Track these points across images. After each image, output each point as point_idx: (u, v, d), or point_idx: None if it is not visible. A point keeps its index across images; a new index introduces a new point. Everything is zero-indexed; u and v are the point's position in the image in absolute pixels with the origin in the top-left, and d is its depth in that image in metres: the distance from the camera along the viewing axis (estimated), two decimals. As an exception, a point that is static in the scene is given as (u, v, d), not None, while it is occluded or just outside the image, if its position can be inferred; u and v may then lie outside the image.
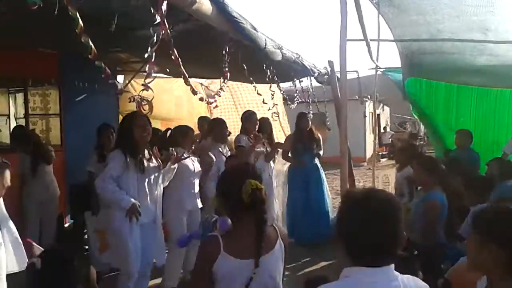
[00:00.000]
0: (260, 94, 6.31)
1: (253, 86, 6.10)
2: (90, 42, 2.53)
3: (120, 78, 8.47)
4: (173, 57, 3.02)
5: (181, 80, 8.05)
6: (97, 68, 2.73)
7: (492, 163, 5.67)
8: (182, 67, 3.23)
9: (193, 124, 7.54)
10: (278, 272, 2.18)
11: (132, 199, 4.06)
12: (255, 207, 2.03)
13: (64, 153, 7.05)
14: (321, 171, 7.41)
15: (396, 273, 1.61)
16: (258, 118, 6.79)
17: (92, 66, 2.85)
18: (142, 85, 3.23)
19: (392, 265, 1.60)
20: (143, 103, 3.75)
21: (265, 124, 7.02)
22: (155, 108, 9.28)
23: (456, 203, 4.55)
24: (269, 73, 5.37)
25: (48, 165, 5.90)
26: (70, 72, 6.89)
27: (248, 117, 6.68)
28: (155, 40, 2.97)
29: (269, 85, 6.22)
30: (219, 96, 4.56)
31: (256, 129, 6.72)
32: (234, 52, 4.14)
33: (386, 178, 10.04)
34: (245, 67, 4.84)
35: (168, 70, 7.00)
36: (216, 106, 7.83)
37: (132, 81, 8.26)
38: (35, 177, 5.74)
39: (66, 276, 2.02)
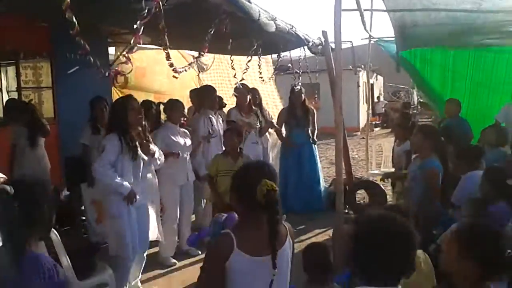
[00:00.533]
0: (234, 68, 6.24)
1: (231, 59, 6.07)
2: (74, 19, 2.48)
3: (111, 50, 8.38)
4: (160, 27, 2.98)
5: (173, 53, 8.02)
6: (78, 44, 2.70)
7: (487, 131, 5.76)
8: (166, 37, 3.18)
9: (186, 97, 7.52)
10: (288, 267, 2.20)
11: (129, 185, 4.11)
12: (269, 208, 2.00)
13: (58, 126, 7.02)
14: (314, 146, 7.45)
15: None
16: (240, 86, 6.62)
17: (84, 37, 2.83)
18: (124, 56, 3.15)
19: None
20: (118, 75, 3.66)
21: (254, 95, 7.01)
22: (148, 80, 9.30)
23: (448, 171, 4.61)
24: (255, 46, 5.32)
25: (43, 138, 5.89)
26: (62, 45, 6.73)
27: (237, 90, 6.67)
28: (145, 14, 2.93)
29: (249, 57, 6.12)
30: (186, 71, 4.51)
31: (248, 101, 6.71)
32: (222, 24, 4.07)
33: (379, 147, 10.10)
34: (231, 40, 4.78)
35: (160, 41, 6.91)
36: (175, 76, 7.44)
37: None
38: (32, 149, 5.74)
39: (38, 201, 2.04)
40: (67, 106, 7.07)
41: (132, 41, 3.00)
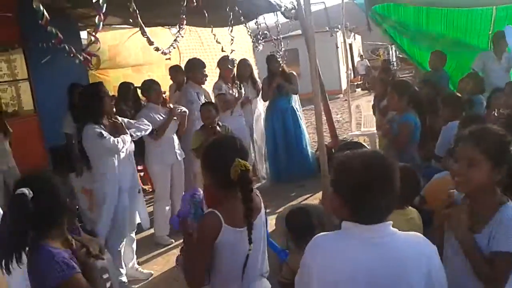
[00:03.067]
0: (219, 43, 6.19)
1: (213, 34, 5.99)
2: (41, 7, 2.44)
3: (83, 34, 8.26)
4: (130, 9, 2.95)
5: (148, 30, 7.92)
6: (50, 33, 2.66)
7: (464, 80, 5.86)
8: (139, 19, 3.15)
9: (165, 65, 7.41)
10: (264, 233, 2.29)
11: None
12: (243, 187, 2.06)
13: (38, 117, 6.97)
14: (298, 112, 7.47)
15: (394, 229, 1.66)
16: (225, 57, 6.59)
17: (54, 25, 2.79)
18: (92, 35, 3.09)
19: (390, 222, 1.66)
20: (89, 58, 3.61)
21: (244, 66, 6.97)
22: (122, 57, 9.22)
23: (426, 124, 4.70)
24: (231, 16, 5.28)
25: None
26: (33, 34, 6.66)
27: (222, 62, 6.57)
28: None
29: (230, 27, 6.07)
30: (174, 48, 4.48)
31: (234, 74, 6.67)
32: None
33: (357, 108, 10.11)
34: (206, 13, 4.74)
35: (131, 20, 6.84)
36: (170, 58, 7.29)
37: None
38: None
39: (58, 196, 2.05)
40: (46, 97, 6.98)
41: (96, 20, 2.93)
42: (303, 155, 7.38)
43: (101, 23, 2.99)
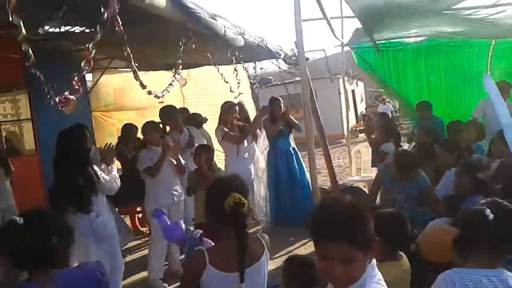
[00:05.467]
0: (227, 82, 6.29)
1: (220, 74, 6.10)
2: (30, 51, 2.51)
3: (88, 76, 8.42)
4: (125, 53, 3.02)
5: (150, 74, 8.05)
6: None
7: (465, 128, 5.94)
8: (133, 63, 3.23)
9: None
10: (261, 284, 2.23)
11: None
12: (237, 221, 2.06)
13: (39, 157, 7.00)
14: (299, 153, 7.47)
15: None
16: (232, 104, 6.72)
17: (57, 67, 2.84)
18: (74, 81, 3.11)
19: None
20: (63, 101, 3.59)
21: (241, 110, 7.04)
22: (127, 100, 9.35)
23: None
24: (234, 58, 5.40)
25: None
26: (37, 75, 6.78)
27: (228, 109, 6.67)
28: (99, 37, 2.92)
29: (235, 71, 6.18)
30: (168, 92, 4.56)
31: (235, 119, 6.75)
32: (194, 37, 4.14)
33: (358, 153, 10.10)
34: (209, 55, 4.86)
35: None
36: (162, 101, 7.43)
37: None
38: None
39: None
40: (47, 137, 6.96)
41: (82, 63, 2.98)
42: (305, 197, 7.36)
43: (86, 68, 3.01)
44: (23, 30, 2.44)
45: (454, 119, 6.92)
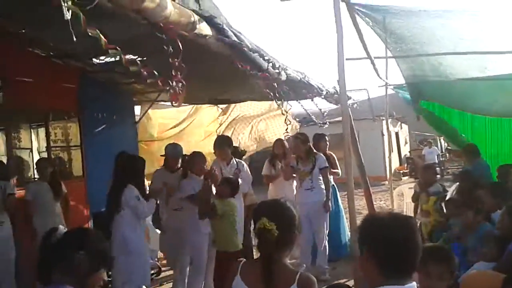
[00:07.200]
0: (290, 122, 6.47)
1: (285, 113, 6.40)
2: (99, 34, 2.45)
3: (136, 109, 8.73)
4: (179, 89, 3.00)
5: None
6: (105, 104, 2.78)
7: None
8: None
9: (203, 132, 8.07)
10: None
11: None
12: (260, 245, 2.17)
13: (86, 183, 7.25)
14: (337, 192, 7.43)
15: None
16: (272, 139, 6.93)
17: (109, 97, 2.96)
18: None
19: (414, 283, 1.71)
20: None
21: (278, 147, 7.13)
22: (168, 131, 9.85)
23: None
24: (277, 94, 5.49)
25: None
26: (89, 104, 7.12)
27: (277, 145, 7.02)
28: (173, 73, 2.99)
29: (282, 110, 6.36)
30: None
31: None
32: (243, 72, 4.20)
33: (401, 195, 9.92)
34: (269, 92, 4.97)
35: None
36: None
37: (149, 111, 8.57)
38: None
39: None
40: (95, 164, 7.29)
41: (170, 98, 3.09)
42: (340, 235, 7.27)
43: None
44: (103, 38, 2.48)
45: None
